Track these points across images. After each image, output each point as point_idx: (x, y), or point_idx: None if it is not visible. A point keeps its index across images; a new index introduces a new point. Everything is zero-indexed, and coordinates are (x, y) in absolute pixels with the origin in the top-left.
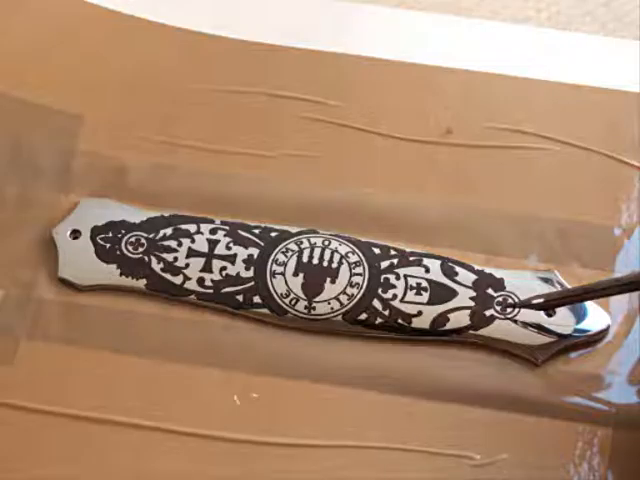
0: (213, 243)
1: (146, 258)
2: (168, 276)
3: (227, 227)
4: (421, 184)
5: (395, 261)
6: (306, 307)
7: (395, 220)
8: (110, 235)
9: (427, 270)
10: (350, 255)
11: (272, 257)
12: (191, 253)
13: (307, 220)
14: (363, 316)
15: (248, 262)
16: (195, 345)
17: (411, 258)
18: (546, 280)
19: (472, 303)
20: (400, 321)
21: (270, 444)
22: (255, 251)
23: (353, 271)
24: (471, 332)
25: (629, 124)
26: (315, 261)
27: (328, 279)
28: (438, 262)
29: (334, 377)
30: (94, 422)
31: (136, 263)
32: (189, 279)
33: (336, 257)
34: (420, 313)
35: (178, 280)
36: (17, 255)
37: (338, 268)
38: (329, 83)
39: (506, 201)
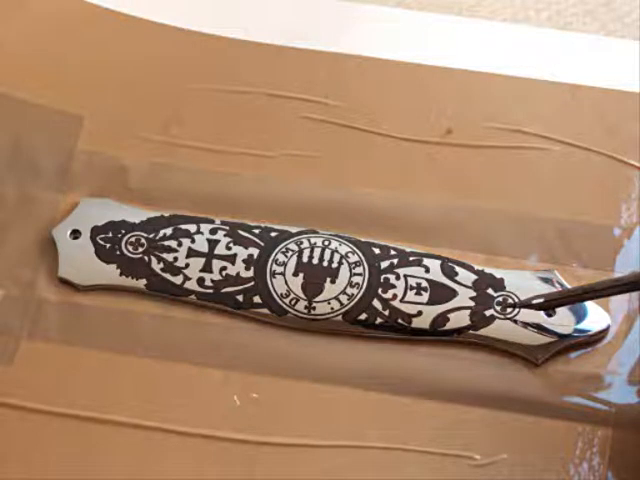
0: (213, 243)
1: (146, 258)
2: (168, 276)
3: (227, 227)
4: (421, 184)
5: (395, 261)
6: (306, 307)
7: (395, 220)
8: (110, 235)
9: (427, 270)
10: (350, 255)
11: (272, 257)
12: (191, 253)
13: (307, 220)
14: (363, 316)
15: (248, 262)
16: (195, 345)
17: (411, 258)
18: (546, 280)
19: (472, 303)
20: (400, 321)
21: (270, 444)
22: (255, 251)
23: (353, 271)
24: (471, 332)
25: (629, 124)
26: (315, 261)
27: (328, 279)
28: (438, 262)
29: (334, 377)
30: (94, 422)
31: (136, 263)
32: (189, 279)
33: (336, 257)
34: (420, 313)
35: (178, 280)
36: (17, 255)
37: (338, 268)
38: (329, 83)
39: (506, 201)
